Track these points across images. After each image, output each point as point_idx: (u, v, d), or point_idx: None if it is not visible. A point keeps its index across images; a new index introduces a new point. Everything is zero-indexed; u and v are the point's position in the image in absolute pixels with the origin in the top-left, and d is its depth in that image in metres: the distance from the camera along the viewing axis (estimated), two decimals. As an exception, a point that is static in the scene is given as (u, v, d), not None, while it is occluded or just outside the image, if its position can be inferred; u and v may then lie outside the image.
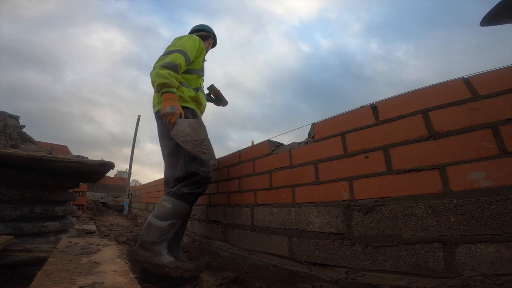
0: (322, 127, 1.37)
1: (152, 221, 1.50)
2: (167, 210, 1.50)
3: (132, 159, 9.22)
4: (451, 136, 0.93)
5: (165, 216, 1.49)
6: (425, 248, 0.91)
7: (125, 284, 0.64)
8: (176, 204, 1.52)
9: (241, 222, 1.78)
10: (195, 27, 2.08)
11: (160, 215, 1.50)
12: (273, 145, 1.69)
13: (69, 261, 0.82)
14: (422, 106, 1.01)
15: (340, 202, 1.19)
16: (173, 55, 1.60)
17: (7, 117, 2.19)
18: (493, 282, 0.75)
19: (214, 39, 2.11)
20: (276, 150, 1.65)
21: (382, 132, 1.11)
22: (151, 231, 1.46)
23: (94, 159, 1.78)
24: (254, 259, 1.51)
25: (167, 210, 1.50)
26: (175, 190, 1.57)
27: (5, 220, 1.51)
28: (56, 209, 1.81)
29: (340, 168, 1.23)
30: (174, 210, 1.51)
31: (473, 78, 0.93)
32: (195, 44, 1.75)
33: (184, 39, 1.74)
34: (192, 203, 1.62)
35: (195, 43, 1.76)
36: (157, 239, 1.42)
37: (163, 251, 1.40)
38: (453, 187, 0.89)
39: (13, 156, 1.42)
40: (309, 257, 1.27)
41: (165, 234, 1.46)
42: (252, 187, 1.75)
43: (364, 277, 1.01)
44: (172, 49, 1.66)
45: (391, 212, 1.01)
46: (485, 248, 0.80)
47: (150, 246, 1.40)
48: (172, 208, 1.51)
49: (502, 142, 0.83)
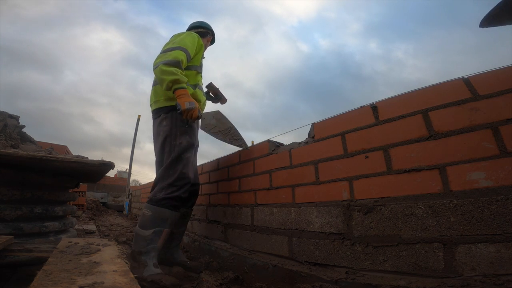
0: (322, 127, 1.37)
1: (137, 230, 1.47)
2: (147, 218, 1.46)
3: (132, 159, 9.22)
4: (451, 136, 0.93)
5: (147, 225, 1.44)
6: (425, 248, 0.91)
7: (125, 284, 0.64)
8: (154, 211, 1.46)
9: (241, 222, 1.78)
10: (193, 23, 2.05)
11: (142, 223, 1.46)
12: (273, 145, 1.69)
13: (69, 261, 0.82)
14: (422, 106, 1.01)
15: (340, 202, 1.19)
16: (175, 52, 1.57)
17: (7, 117, 2.19)
18: (493, 282, 0.75)
19: (212, 36, 2.08)
20: (276, 150, 1.64)
21: (382, 132, 1.11)
22: (137, 241, 1.43)
23: (94, 159, 1.78)
24: (254, 259, 1.51)
25: (148, 218, 1.45)
26: (152, 196, 1.53)
27: (5, 220, 1.51)
28: (56, 209, 1.81)
29: (340, 168, 1.23)
30: (154, 218, 1.45)
31: (473, 78, 0.93)
32: (194, 41, 1.73)
33: (183, 36, 1.72)
34: (174, 207, 1.52)
35: (194, 40, 1.73)
36: (143, 249, 1.38)
37: (149, 262, 1.35)
38: (453, 187, 0.89)
39: (13, 156, 1.42)
40: (309, 257, 1.27)
41: (151, 243, 1.40)
42: (252, 187, 1.75)
43: (364, 277, 1.01)
44: (172, 46, 1.63)
45: (391, 212, 1.01)
46: (485, 248, 0.80)
47: (138, 256, 1.37)
48: (152, 215, 1.45)
49: (502, 142, 0.83)
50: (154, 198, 1.50)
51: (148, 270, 1.31)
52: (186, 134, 1.62)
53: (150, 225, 1.43)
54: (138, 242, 1.41)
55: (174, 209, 1.50)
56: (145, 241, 1.40)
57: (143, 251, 1.37)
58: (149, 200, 1.51)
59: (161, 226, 1.45)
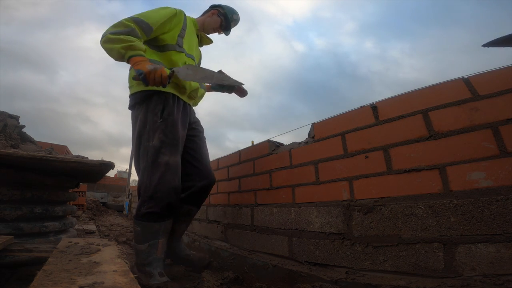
0: (322, 127, 1.37)
1: (134, 245, 1.41)
2: (138, 233, 1.37)
3: (132, 159, 9.22)
4: (451, 136, 0.93)
5: (140, 240, 1.36)
6: (425, 248, 0.91)
7: (125, 284, 0.64)
8: (143, 225, 1.36)
9: (241, 222, 1.78)
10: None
11: (136, 239, 1.39)
12: (273, 145, 1.69)
13: (69, 261, 0.82)
14: (422, 106, 1.01)
15: (340, 202, 1.19)
16: (121, 21, 1.34)
17: (7, 117, 2.19)
18: (493, 282, 0.75)
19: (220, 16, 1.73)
20: (276, 150, 1.65)
21: (382, 132, 1.11)
22: (137, 254, 1.38)
23: (94, 159, 1.78)
24: (254, 259, 1.51)
25: (139, 233, 1.37)
26: (137, 210, 1.40)
27: (5, 220, 1.51)
28: (56, 209, 1.81)
29: (340, 168, 1.23)
30: (145, 232, 1.35)
31: (473, 78, 0.93)
32: (161, 13, 1.45)
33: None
34: (161, 218, 1.36)
35: (162, 12, 1.45)
36: (145, 261, 1.34)
37: (154, 272, 1.31)
38: (453, 187, 0.89)
39: (13, 156, 1.42)
40: (309, 257, 1.27)
41: (150, 255, 1.34)
42: (252, 187, 1.75)
43: (364, 277, 1.01)
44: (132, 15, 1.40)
45: (391, 212, 1.01)
46: (485, 248, 0.80)
47: (141, 267, 1.34)
48: (142, 231, 1.36)
49: (502, 142, 0.83)
50: (139, 213, 1.38)
51: (154, 279, 1.29)
52: (158, 130, 1.39)
53: (143, 240, 1.35)
54: (138, 255, 1.37)
55: (161, 220, 1.38)
56: (144, 254, 1.35)
57: (145, 262, 1.34)
58: (135, 215, 1.41)
59: (155, 238, 1.36)
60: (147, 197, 1.36)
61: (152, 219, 1.35)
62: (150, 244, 1.34)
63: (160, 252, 1.37)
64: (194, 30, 1.69)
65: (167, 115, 1.41)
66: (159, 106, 1.41)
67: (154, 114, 1.39)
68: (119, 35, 1.27)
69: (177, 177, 1.41)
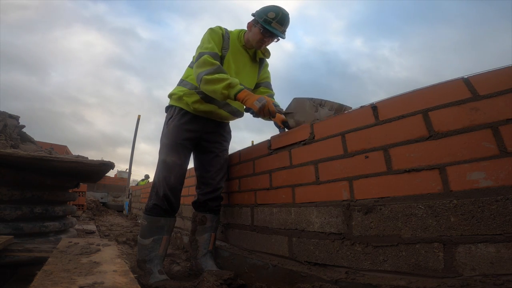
0: (322, 127, 1.36)
1: (138, 239, 1.51)
2: (144, 227, 1.48)
3: (132, 159, 9.22)
4: (451, 136, 0.92)
5: (145, 234, 1.46)
6: (425, 248, 0.91)
7: (125, 284, 0.64)
8: (149, 220, 1.48)
9: (241, 222, 1.78)
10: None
11: (142, 233, 1.49)
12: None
13: (69, 261, 0.82)
14: (422, 106, 1.01)
15: (340, 202, 1.19)
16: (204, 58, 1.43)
17: (7, 117, 2.19)
18: (493, 282, 0.75)
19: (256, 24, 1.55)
20: (276, 150, 1.64)
21: (382, 132, 1.11)
22: (140, 250, 1.46)
23: (94, 159, 1.78)
24: (254, 259, 1.51)
25: (145, 227, 1.48)
26: (145, 205, 1.56)
27: (5, 220, 1.52)
28: (56, 209, 1.81)
29: (340, 168, 1.23)
30: (150, 226, 1.47)
31: (473, 78, 0.93)
32: (209, 37, 1.55)
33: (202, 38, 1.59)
34: (164, 212, 1.50)
35: (209, 36, 1.55)
36: (146, 257, 1.41)
37: (154, 269, 1.38)
38: (453, 187, 0.89)
39: (13, 156, 1.42)
40: (309, 257, 1.27)
41: (152, 251, 1.42)
42: (252, 187, 1.75)
43: (364, 277, 1.01)
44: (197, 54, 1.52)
45: (391, 212, 1.01)
46: (485, 248, 0.80)
47: (143, 264, 1.41)
48: (148, 225, 1.47)
49: (502, 142, 0.83)
50: (147, 206, 1.54)
51: (153, 277, 1.35)
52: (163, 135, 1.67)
53: (148, 234, 1.45)
54: (141, 251, 1.45)
55: (166, 215, 1.51)
56: (146, 250, 1.42)
57: (147, 259, 1.41)
58: (144, 210, 1.55)
59: (159, 233, 1.47)
60: (154, 192, 1.56)
61: (155, 213, 1.49)
62: (155, 239, 1.44)
63: (162, 249, 1.46)
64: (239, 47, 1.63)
65: (170, 122, 1.65)
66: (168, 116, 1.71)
67: (165, 122, 1.68)
68: (213, 75, 1.39)
69: (172, 174, 1.56)
